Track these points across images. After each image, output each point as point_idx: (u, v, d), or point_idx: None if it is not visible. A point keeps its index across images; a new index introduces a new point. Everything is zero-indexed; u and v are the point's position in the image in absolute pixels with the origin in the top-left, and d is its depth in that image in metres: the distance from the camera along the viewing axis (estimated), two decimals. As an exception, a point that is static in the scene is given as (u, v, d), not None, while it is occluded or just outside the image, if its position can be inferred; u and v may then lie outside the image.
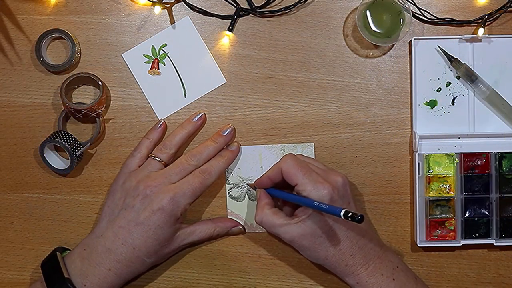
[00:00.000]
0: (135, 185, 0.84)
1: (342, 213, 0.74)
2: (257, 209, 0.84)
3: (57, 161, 0.89)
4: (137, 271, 0.85)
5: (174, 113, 0.90)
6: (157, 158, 0.86)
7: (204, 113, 0.90)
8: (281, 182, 0.84)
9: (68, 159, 0.87)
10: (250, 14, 0.90)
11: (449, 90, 0.89)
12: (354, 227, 0.82)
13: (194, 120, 0.89)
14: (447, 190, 0.88)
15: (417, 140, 0.88)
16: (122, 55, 0.90)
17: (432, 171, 0.88)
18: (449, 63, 0.89)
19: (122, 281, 0.84)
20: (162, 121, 0.89)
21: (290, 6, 0.89)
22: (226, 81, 0.90)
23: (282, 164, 0.82)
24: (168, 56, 0.90)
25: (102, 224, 0.85)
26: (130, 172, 0.86)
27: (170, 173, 0.84)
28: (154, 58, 0.90)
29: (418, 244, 0.88)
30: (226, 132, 0.88)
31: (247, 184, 0.90)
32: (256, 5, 0.89)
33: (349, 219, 0.73)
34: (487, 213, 0.88)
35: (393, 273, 0.83)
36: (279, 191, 0.85)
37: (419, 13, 0.89)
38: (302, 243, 0.81)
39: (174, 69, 0.90)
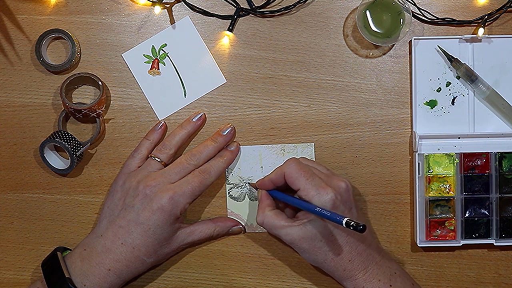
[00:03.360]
0: (135, 185, 0.84)
1: (344, 222, 0.74)
2: (259, 210, 0.84)
3: (57, 161, 0.89)
4: (137, 271, 0.85)
5: (174, 113, 0.90)
6: (156, 158, 0.86)
7: (204, 113, 0.90)
8: (283, 185, 0.84)
9: (68, 159, 0.87)
10: (250, 14, 0.90)
11: (449, 90, 0.89)
12: (354, 233, 0.82)
13: (193, 120, 0.89)
14: (447, 190, 0.88)
15: (417, 140, 0.88)
16: (122, 55, 0.90)
17: (432, 171, 0.88)
18: (449, 63, 0.89)
19: (122, 281, 0.84)
20: (162, 122, 0.89)
21: (290, 6, 0.89)
22: (226, 81, 0.90)
23: (285, 168, 0.82)
24: (168, 56, 0.90)
25: (102, 224, 0.85)
26: (130, 172, 0.86)
27: (170, 173, 0.84)
28: (154, 58, 0.90)
29: (418, 244, 0.88)
30: (226, 132, 0.88)
31: (248, 183, 0.90)
32: (256, 5, 0.89)
33: (351, 228, 0.73)
34: (487, 213, 0.88)
35: (390, 279, 0.83)
36: (282, 193, 0.85)
37: (419, 13, 0.89)
38: (302, 245, 0.81)
39: (174, 69, 0.90)
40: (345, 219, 0.74)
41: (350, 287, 0.83)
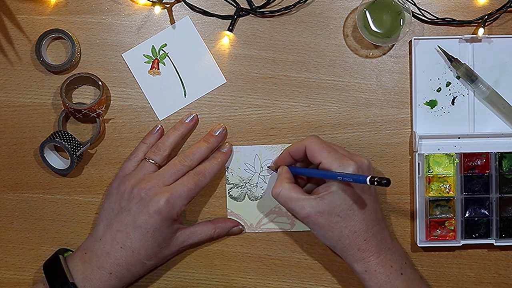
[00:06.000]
0: (130, 188, 0.83)
1: (368, 179, 0.73)
2: (276, 182, 0.83)
3: (57, 161, 0.89)
4: (138, 274, 0.85)
5: (174, 113, 0.90)
6: (151, 160, 0.86)
7: (196, 114, 0.89)
8: (301, 161, 0.84)
9: (68, 159, 0.87)
10: (250, 14, 0.90)
11: (449, 90, 0.89)
12: (371, 213, 0.81)
13: (186, 121, 0.89)
14: (447, 190, 0.88)
15: (417, 140, 0.88)
16: (122, 55, 0.90)
17: (432, 171, 0.88)
18: (449, 63, 0.89)
19: (123, 284, 0.84)
20: (159, 125, 0.89)
21: (290, 6, 0.89)
22: (226, 81, 0.90)
23: (307, 142, 0.82)
24: (168, 56, 0.90)
25: (99, 228, 0.85)
26: (125, 175, 0.86)
27: (164, 175, 0.84)
28: (154, 58, 0.90)
29: (418, 244, 0.88)
30: (218, 132, 0.88)
31: (267, 166, 0.89)
32: (256, 5, 0.89)
33: (375, 183, 0.72)
34: (487, 213, 0.88)
35: (401, 267, 0.82)
36: (301, 168, 0.85)
37: (419, 13, 0.89)
38: (318, 220, 0.80)
39: (174, 69, 0.90)
40: (369, 176, 0.73)
41: (361, 270, 0.81)
